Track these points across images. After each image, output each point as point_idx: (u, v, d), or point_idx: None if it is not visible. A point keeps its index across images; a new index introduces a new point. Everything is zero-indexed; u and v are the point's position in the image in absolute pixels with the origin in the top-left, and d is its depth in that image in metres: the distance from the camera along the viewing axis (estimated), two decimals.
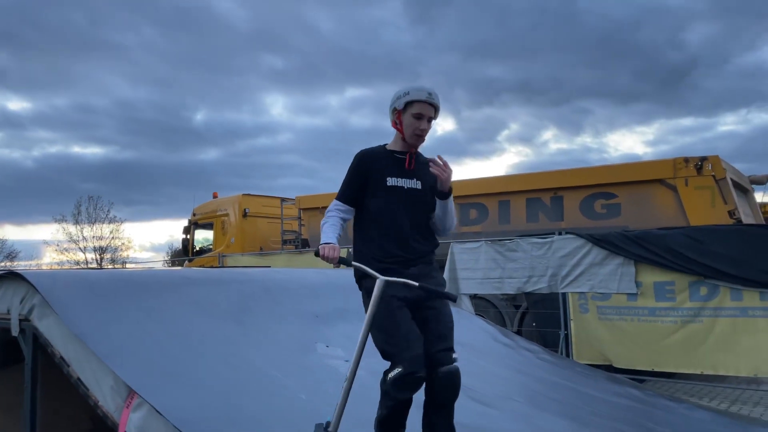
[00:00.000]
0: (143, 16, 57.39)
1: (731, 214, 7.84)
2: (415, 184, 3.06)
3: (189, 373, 3.39)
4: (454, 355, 2.86)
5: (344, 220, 3.09)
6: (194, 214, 15.05)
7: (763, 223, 9.34)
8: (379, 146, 3.16)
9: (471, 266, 8.36)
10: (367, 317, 2.78)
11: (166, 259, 36.14)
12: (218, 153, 59.43)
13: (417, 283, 2.78)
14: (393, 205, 3.00)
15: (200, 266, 13.02)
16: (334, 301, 4.94)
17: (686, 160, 8.13)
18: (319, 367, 3.96)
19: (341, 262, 2.90)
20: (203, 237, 14.91)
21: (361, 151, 3.13)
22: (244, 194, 14.02)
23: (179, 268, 12.44)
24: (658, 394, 5.23)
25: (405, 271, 2.92)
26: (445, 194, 3.02)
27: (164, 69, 58.27)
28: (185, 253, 15.17)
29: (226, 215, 13.95)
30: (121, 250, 37.82)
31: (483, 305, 8.85)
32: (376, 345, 2.83)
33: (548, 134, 67.37)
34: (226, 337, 3.95)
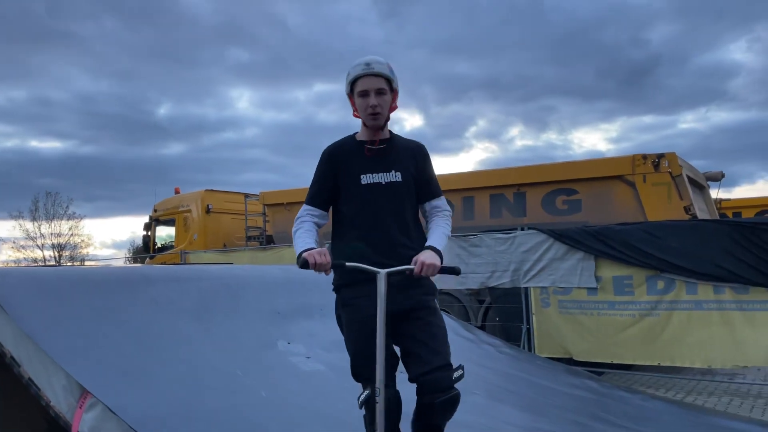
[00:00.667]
0: (104, 6, 56.12)
1: (687, 209, 8.05)
2: (395, 176, 2.68)
3: (145, 372, 3.32)
4: (455, 374, 2.50)
5: (318, 225, 2.70)
6: (155, 210, 14.78)
7: (718, 218, 9.62)
8: (348, 137, 2.79)
9: None
10: (379, 323, 2.43)
11: (128, 256, 35.47)
12: (182, 148, 58.62)
13: (412, 267, 2.47)
14: (372, 206, 2.62)
15: (162, 263, 12.80)
16: (296, 298, 4.91)
17: (644, 157, 8.31)
18: (280, 364, 3.94)
19: (335, 267, 2.51)
20: (166, 234, 14.66)
21: (328, 147, 2.77)
22: (206, 190, 13.82)
23: (139, 265, 12.21)
24: (614, 385, 5.35)
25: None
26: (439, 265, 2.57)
27: (126, 61, 57.11)
28: (146, 250, 14.90)
29: (189, 211, 13.73)
30: (81, 247, 36.95)
31: (448, 300, 8.91)
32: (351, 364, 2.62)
33: (515, 131, 68.41)
34: (184, 335, 3.89)
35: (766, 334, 6.02)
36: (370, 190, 2.65)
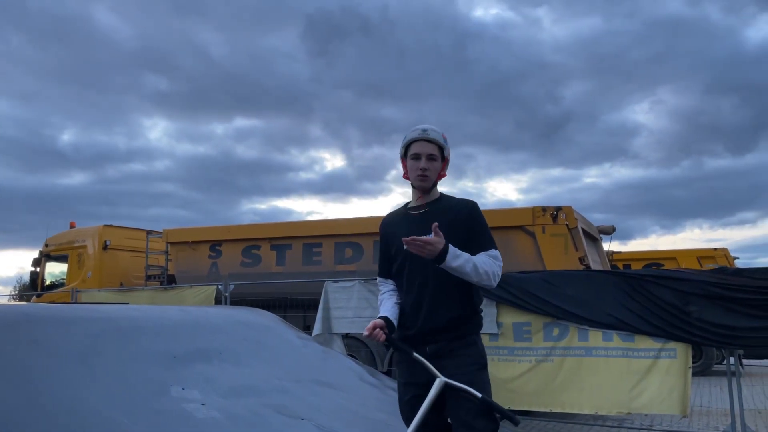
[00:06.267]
0: (9, 21, 53.14)
1: (581, 260, 8.52)
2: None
3: (19, 422, 3.04)
4: None
5: (396, 293, 3.00)
6: (47, 245, 13.87)
7: (609, 269, 10.24)
8: (401, 206, 3.09)
9: (343, 305, 8.34)
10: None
11: (13, 294, 32.82)
12: (85, 178, 55.81)
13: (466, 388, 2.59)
14: (414, 274, 2.83)
15: (50, 302, 11.94)
16: (195, 341, 4.69)
17: (543, 209, 8.77)
18: (172, 412, 3.72)
19: (389, 342, 2.79)
20: (59, 270, 13.76)
21: (383, 218, 3.13)
22: (105, 225, 13.16)
23: (23, 303, 11.33)
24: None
25: (420, 348, 2.75)
26: (439, 261, 2.69)
27: (30, 81, 54.08)
28: (33, 287, 13.87)
29: (84, 247, 12.97)
30: None
31: (355, 345, 8.86)
32: None
33: None
34: (67, 380, 3.61)
35: (649, 380, 6.36)
36: (413, 258, 2.77)
